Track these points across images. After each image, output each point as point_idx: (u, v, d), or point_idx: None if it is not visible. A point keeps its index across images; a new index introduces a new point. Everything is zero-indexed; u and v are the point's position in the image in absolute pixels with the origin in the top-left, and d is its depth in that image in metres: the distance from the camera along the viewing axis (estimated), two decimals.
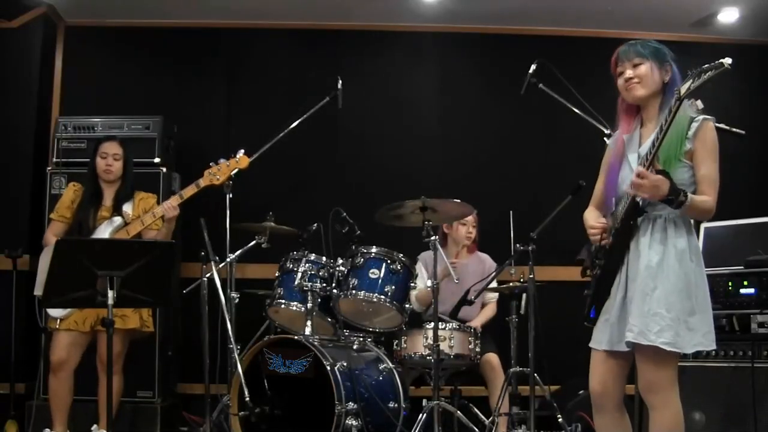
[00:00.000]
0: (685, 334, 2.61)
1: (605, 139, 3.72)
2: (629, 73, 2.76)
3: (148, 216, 4.07)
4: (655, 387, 2.66)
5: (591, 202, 3.00)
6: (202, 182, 4.09)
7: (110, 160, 4.16)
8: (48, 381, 4.06)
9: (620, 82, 2.81)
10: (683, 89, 2.49)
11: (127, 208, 4.16)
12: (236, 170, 4.12)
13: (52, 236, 4.07)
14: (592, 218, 2.91)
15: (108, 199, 4.17)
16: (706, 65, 2.44)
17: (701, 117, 2.68)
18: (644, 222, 2.71)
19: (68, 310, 3.94)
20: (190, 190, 4.08)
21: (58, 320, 3.97)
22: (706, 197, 2.64)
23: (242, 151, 4.14)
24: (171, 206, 4.04)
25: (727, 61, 2.39)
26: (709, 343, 2.66)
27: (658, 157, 2.61)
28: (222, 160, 4.12)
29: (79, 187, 4.22)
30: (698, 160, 2.67)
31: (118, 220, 4.09)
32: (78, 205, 4.14)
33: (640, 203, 2.68)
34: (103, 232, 4.05)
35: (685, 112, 2.64)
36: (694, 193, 2.64)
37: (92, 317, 3.95)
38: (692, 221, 2.75)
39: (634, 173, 2.58)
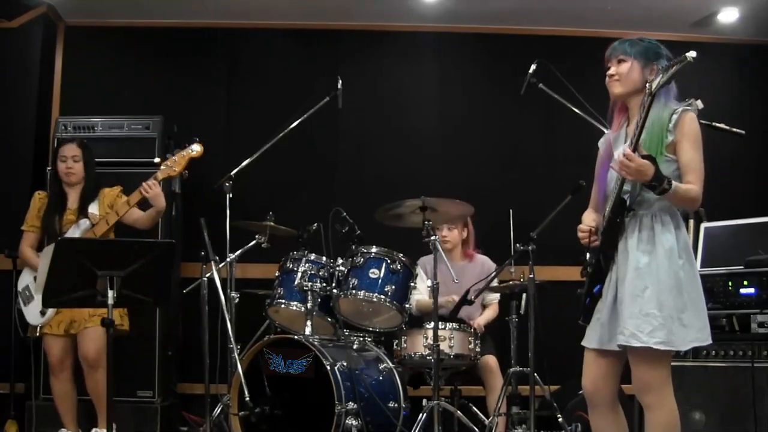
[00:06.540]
0: (679, 332, 2.60)
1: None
2: (612, 69, 2.80)
3: (111, 215, 4.03)
4: (650, 387, 2.65)
5: (590, 204, 3.00)
6: (160, 175, 4.04)
7: (70, 163, 4.15)
8: (50, 383, 4.09)
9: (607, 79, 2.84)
10: (654, 84, 2.54)
11: (92, 208, 4.14)
12: (190, 159, 4.05)
13: (26, 248, 4.15)
14: (586, 221, 2.90)
15: (73, 202, 4.16)
16: (672, 60, 2.54)
17: (681, 108, 2.67)
18: (631, 221, 2.70)
19: (46, 316, 3.96)
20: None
21: (38, 328, 4.00)
22: (691, 185, 2.62)
23: (197, 139, 4.09)
24: (149, 184, 3.96)
25: (691, 54, 2.44)
26: (705, 338, 2.66)
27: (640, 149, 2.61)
28: (176, 150, 4.10)
29: (44, 194, 4.23)
30: (680, 149, 2.66)
31: (84, 222, 4.06)
32: (44, 212, 4.14)
33: (626, 200, 2.67)
34: (71, 235, 4.01)
35: (667, 106, 2.66)
36: None
37: (66, 321, 3.97)
38: (680, 218, 2.74)
39: (620, 153, 2.58)
